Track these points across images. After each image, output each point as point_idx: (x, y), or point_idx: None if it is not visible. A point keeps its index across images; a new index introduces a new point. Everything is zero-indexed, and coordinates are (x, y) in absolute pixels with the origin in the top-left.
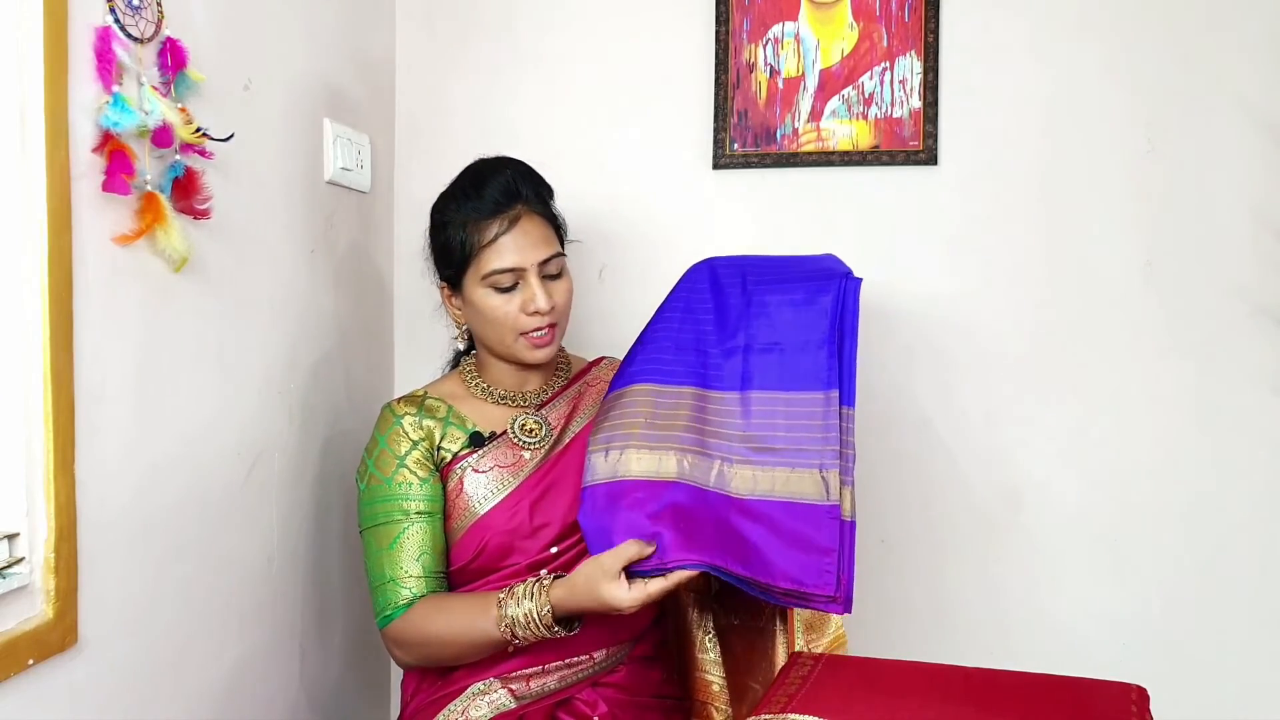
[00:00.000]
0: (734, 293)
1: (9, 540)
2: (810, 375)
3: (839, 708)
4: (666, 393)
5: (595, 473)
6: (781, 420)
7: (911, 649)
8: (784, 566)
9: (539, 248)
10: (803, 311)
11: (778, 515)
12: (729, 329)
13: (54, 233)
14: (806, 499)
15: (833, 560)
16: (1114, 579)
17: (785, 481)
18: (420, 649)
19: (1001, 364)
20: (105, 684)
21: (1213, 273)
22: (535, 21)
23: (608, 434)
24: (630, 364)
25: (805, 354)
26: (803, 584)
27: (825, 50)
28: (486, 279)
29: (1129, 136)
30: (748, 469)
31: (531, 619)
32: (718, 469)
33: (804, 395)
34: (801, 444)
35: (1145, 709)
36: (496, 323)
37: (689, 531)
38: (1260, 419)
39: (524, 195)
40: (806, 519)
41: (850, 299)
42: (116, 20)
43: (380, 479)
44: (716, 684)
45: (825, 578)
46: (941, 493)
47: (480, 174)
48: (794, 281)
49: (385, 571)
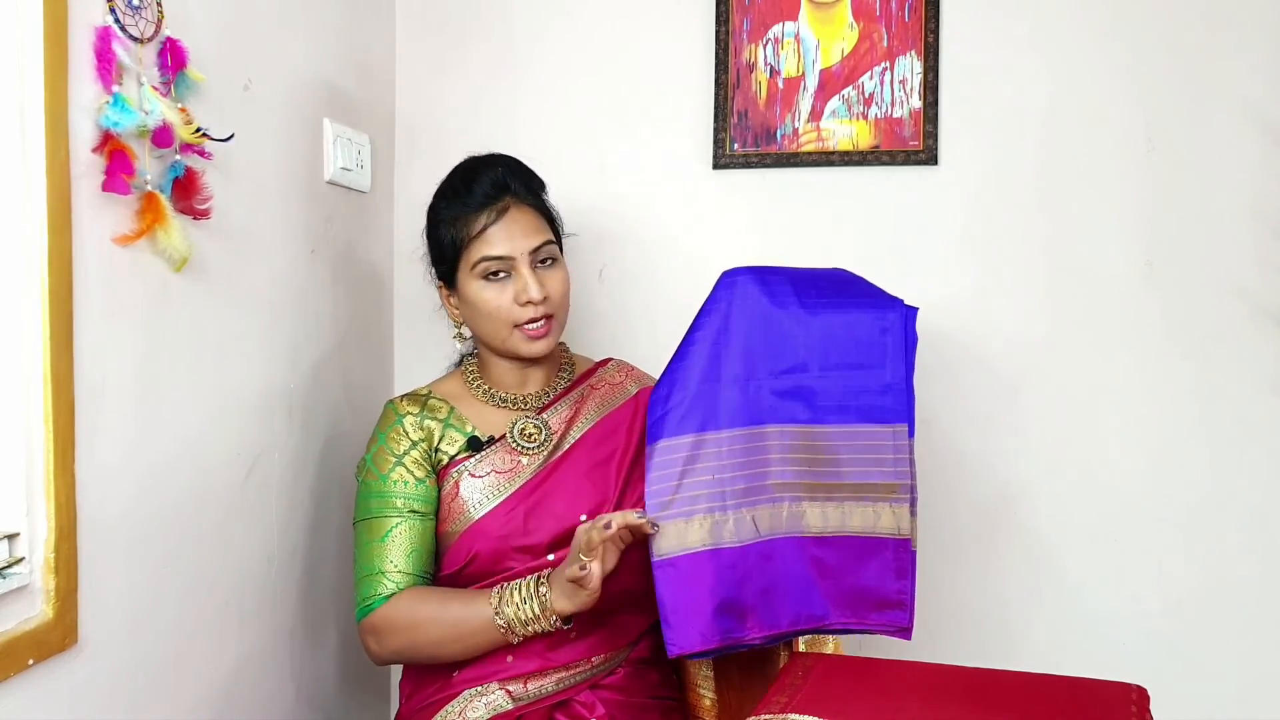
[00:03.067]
0: (784, 312)
1: (9, 540)
2: (881, 408)
3: (839, 708)
4: (719, 439)
5: (663, 544)
6: (849, 454)
7: (912, 649)
8: (854, 605)
9: (529, 236)
10: (871, 339)
11: (851, 552)
12: (778, 355)
13: (54, 232)
14: (880, 533)
15: (909, 594)
16: (1114, 579)
17: (857, 517)
18: (402, 635)
19: (1001, 363)
20: (105, 684)
21: (1213, 273)
22: (535, 21)
23: (666, 498)
24: (668, 400)
25: (876, 385)
26: (868, 621)
27: (825, 50)
28: (476, 268)
29: (1129, 136)
30: (819, 507)
31: (529, 599)
32: (788, 510)
33: (875, 428)
34: (873, 478)
35: (1145, 709)
36: (490, 315)
37: (772, 592)
38: (1260, 419)
39: (512, 188)
40: (879, 553)
41: (912, 327)
42: (116, 20)
43: (377, 475)
44: (708, 699)
45: (900, 613)
46: (941, 493)
47: (469, 170)
48: (852, 304)
49: (374, 563)
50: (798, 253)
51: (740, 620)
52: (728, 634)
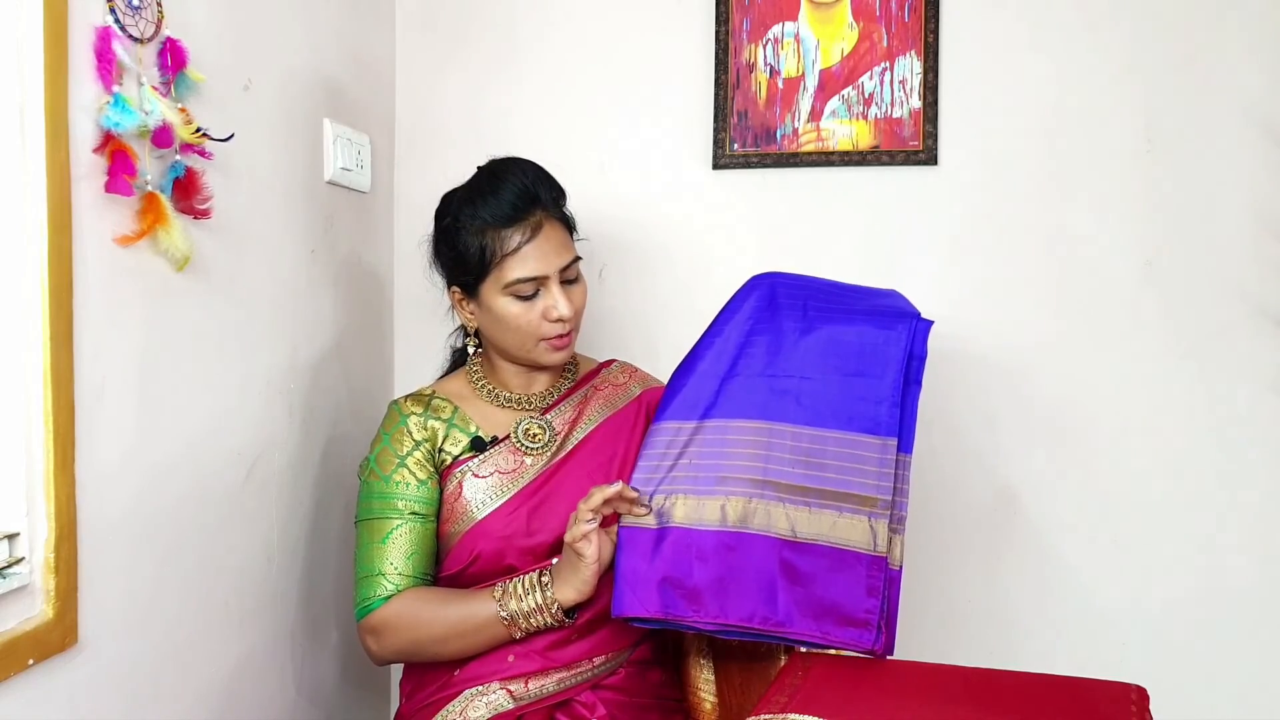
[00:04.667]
0: (793, 318)
1: (9, 540)
2: (871, 418)
3: (839, 707)
4: (709, 427)
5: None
6: (835, 461)
7: (911, 649)
8: (818, 617)
9: (561, 254)
10: (870, 350)
11: (822, 562)
12: (787, 357)
13: (54, 232)
14: (853, 546)
15: (875, 613)
16: (1114, 579)
17: (833, 526)
18: (403, 634)
19: (1001, 363)
20: (105, 684)
21: (1213, 273)
22: (535, 21)
23: (650, 475)
24: (678, 391)
25: (870, 395)
26: (831, 636)
27: (825, 50)
28: (509, 288)
29: (1129, 136)
30: (795, 510)
31: (532, 590)
32: (765, 509)
33: (862, 438)
34: (853, 489)
35: (1145, 709)
36: (518, 330)
37: (728, 583)
38: (1260, 419)
39: (543, 200)
40: (850, 567)
41: (919, 342)
42: (116, 20)
43: (379, 476)
44: (709, 703)
45: (865, 632)
46: (941, 493)
47: (497, 176)
48: (860, 316)
49: (373, 565)
50: (797, 253)
51: (689, 602)
52: (670, 610)
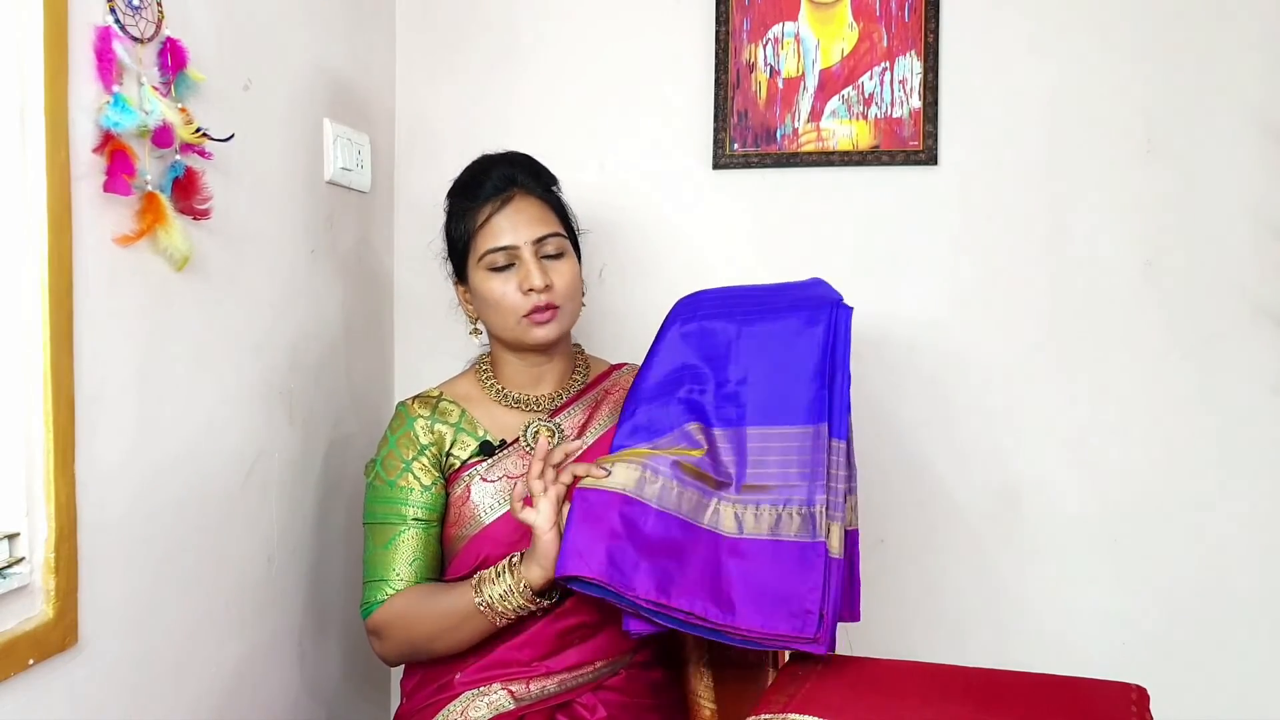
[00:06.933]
0: (724, 325)
1: (9, 540)
2: (800, 408)
3: (839, 708)
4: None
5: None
6: (774, 456)
7: (911, 649)
8: (763, 609)
9: (533, 225)
10: (794, 342)
11: (764, 556)
12: (720, 364)
13: (54, 232)
14: (793, 537)
15: (815, 600)
16: (1114, 579)
17: (774, 521)
18: (400, 633)
19: (1001, 363)
20: (105, 684)
21: (1213, 273)
22: (534, 21)
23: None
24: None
25: (797, 386)
26: (778, 628)
27: (825, 50)
28: (482, 260)
29: (1129, 136)
30: (739, 508)
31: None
32: (713, 507)
33: (794, 430)
34: (791, 480)
35: (1145, 709)
36: (497, 305)
37: (673, 570)
38: (1260, 419)
39: (519, 181)
40: (791, 558)
41: (842, 328)
42: (116, 20)
43: (385, 480)
44: (707, 709)
45: (807, 620)
46: (941, 493)
47: (481, 165)
48: (783, 311)
49: (377, 569)
50: (797, 253)
51: (634, 569)
52: (614, 574)
